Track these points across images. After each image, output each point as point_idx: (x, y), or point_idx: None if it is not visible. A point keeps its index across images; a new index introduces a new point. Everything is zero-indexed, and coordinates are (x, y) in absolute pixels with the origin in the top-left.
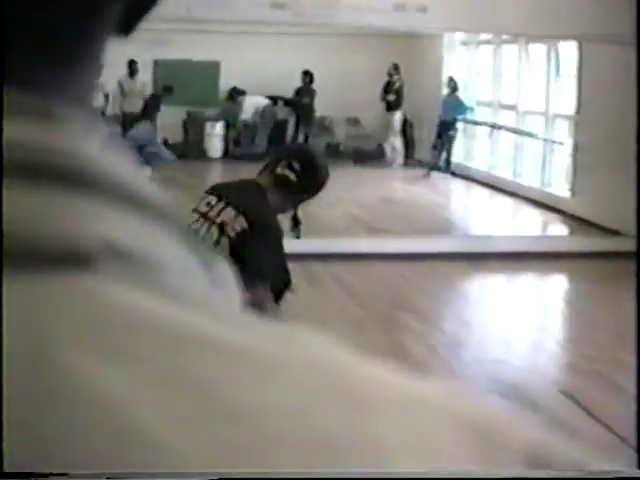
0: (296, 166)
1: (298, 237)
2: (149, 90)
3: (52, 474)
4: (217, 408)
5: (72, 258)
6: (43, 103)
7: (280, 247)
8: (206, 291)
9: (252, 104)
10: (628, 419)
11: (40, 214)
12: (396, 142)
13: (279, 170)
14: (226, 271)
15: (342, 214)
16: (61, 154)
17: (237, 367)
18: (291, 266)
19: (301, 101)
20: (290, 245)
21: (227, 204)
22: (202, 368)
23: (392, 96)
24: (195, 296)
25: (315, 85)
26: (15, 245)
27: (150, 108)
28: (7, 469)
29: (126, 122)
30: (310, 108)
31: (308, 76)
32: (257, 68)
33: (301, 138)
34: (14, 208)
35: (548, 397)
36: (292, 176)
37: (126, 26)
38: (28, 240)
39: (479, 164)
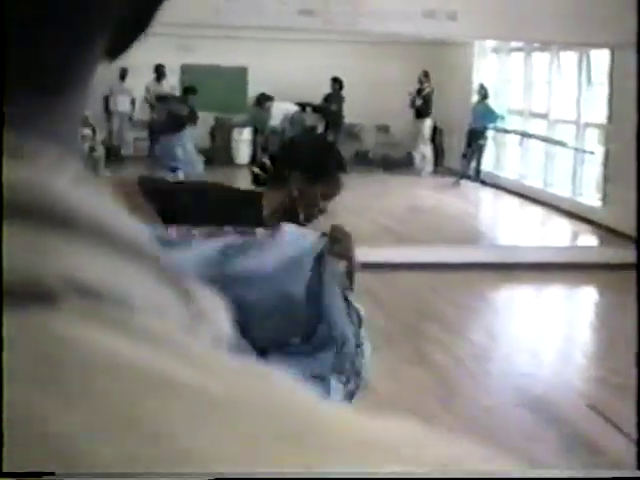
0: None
1: None
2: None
3: (43, 473)
4: (174, 451)
5: (34, 294)
6: (11, 137)
7: None
8: (174, 329)
9: (281, 110)
10: None
11: (4, 250)
12: (425, 150)
13: None
14: (210, 301)
15: (370, 223)
16: (27, 190)
17: (190, 408)
18: None
19: (329, 108)
20: None
21: None
22: (155, 408)
23: (419, 101)
24: (160, 335)
25: (344, 92)
26: None
27: (179, 117)
28: (6, 469)
29: (154, 127)
30: (338, 115)
31: (337, 83)
32: (285, 74)
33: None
34: None
35: (575, 411)
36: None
37: (113, 51)
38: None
39: (509, 173)
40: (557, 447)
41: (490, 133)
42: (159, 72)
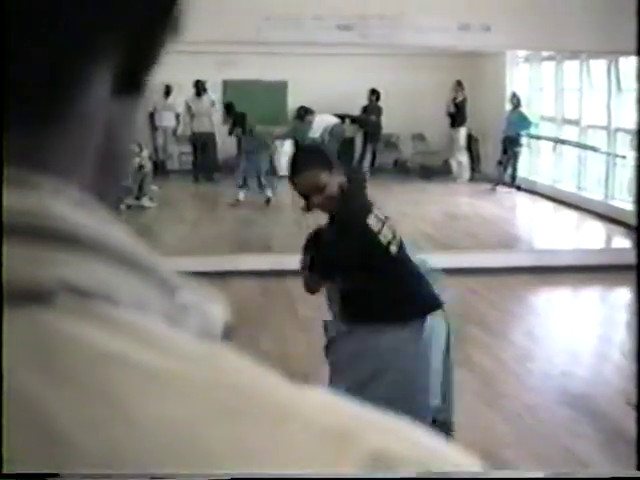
0: None
1: None
2: (219, 109)
3: (46, 475)
4: (124, 417)
5: (33, 295)
6: (16, 169)
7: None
8: (151, 320)
9: (321, 122)
10: None
11: (6, 261)
12: (462, 157)
13: None
14: (201, 296)
15: (410, 230)
16: (30, 214)
17: (153, 386)
18: None
19: (368, 118)
20: None
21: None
22: (127, 389)
23: (453, 109)
24: (135, 325)
25: (381, 103)
26: None
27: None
28: (6, 470)
29: (196, 141)
30: (377, 125)
31: (375, 94)
32: (324, 87)
33: (369, 155)
34: None
35: (614, 407)
36: None
37: (131, 84)
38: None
39: (543, 178)
40: (598, 442)
41: (524, 140)
42: (198, 88)
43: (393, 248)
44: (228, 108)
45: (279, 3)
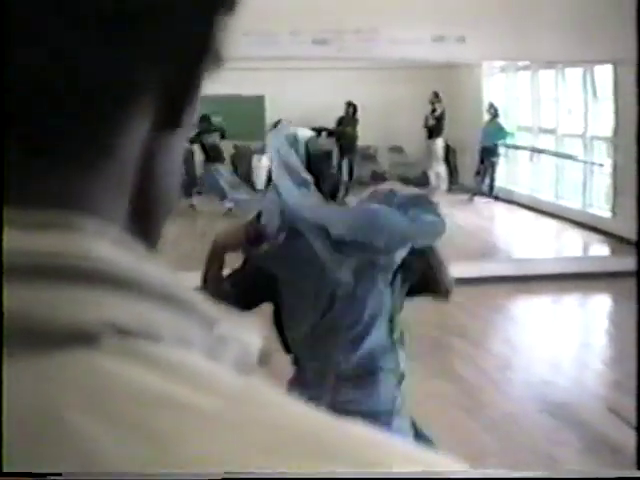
0: None
1: None
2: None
3: (48, 474)
4: (170, 457)
5: (78, 337)
6: (58, 216)
7: None
8: (194, 356)
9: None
10: None
11: (53, 304)
12: (439, 168)
13: None
14: (238, 324)
15: None
16: (73, 257)
17: (198, 425)
18: None
19: (343, 131)
20: None
21: None
22: (173, 429)
23: (432, 121)
24: (179, 363)
25: (359, 116)
26: (29, 328)
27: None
28: (6, 469)
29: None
30: (353, 137)
31: (351, 106)
32: (301, 101)
33: (345, 167)
34: (31, 301)
35: (595, 414)
36: None
37: (171, 121)
38: (42, 323)
39: (521, 188)
40: (579, 449)
41: (502, 150)
42: None
43: None
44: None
45: (256, 19)
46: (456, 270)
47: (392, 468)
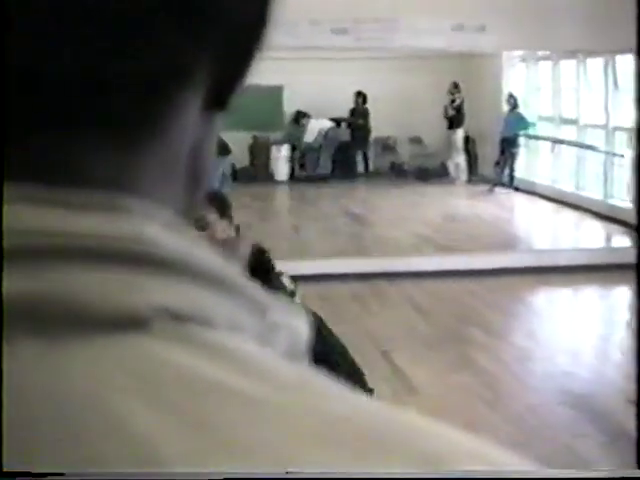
0: None
1: None
2: None
3: (49, 474)
4: (223, 446)
5: (130, 322)
6: (107, 198)
7: None
8: (248, 342)
9: (316, 126)
10: None
11: (103, 287)
12: (459, 159)
13: None
14: (288, 311)
15: (408, 233)
16: (123, 239)
17: (250, 414)
18: (360, 286)
19: (355, 122)
20: (358, 265)
21: None
22: (225, 417)
23: (452, 111)
24: (233, 351)
25: (378, 106)
26: (78, 313)
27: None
28: (6, 469)
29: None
30: (365, 128)
31: (361, 96)
32: (320, 91)
33: (360, 159)
34: (85, 285)
35: (616, 407)
36: None
37: (219, 101)
38: (91, 308)
39: (542, 178)
40: (600, 442)
41: (522, 140)
42: None
43: None
44: None
45: (274, 8)
46: (476, 261)
47: (458, 466)
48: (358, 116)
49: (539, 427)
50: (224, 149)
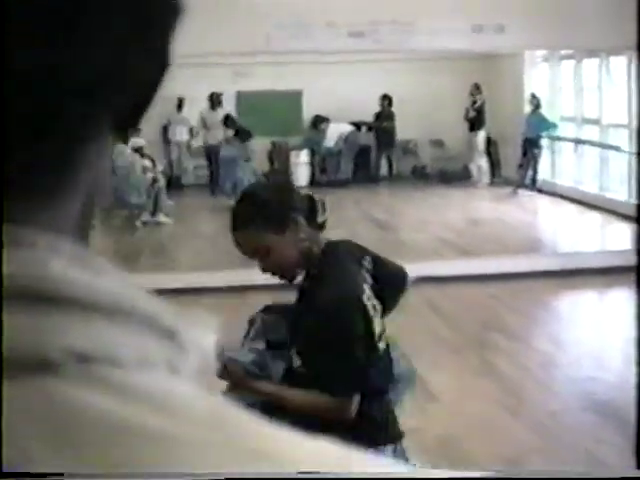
0: None
1: None
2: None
3: (48, 474)
4: None
5: (38, 365)
6: (12, 230)
7: None
8: (154, 378)
9: (336, 131)
10: None
11: (12, 329)
12: (481, 161)
13: None
14: (198, 327)
15: (430, 236)
16: (29, 278)
17: (162, 451)
18: None
19: (381, 125)
20: None
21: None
22: (137, 456)
23: (473, 113)
24: (138, 388)
25: (398, 109)
26: None
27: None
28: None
29: (210, 154)
30: (390, 132)
31: (387, 99)
32: (339, 95)
33: (384, 162)
34: None
35: None
36: None
37: (132, 122)
38: (4, 352)
39: (565, 180)
40: (623, 448)
41: (545, 141)
42: (213, 101)
43: (381, 345)
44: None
45: (289, 11)
46: (499, 265)
47: None
48: (384, 119)
49: (561, 433)
50: (246, 134)
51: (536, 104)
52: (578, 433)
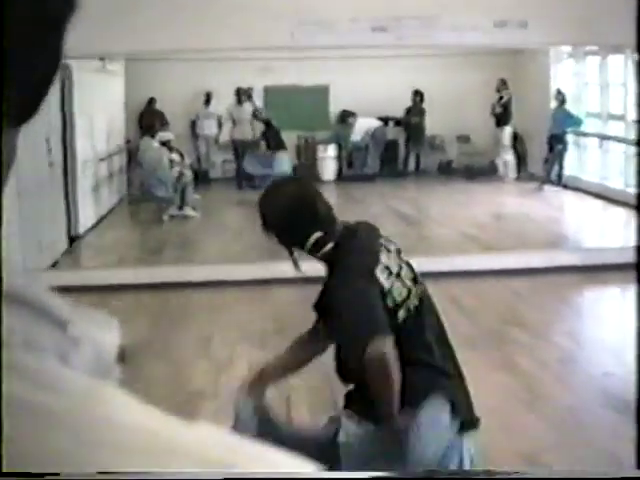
0: None
1: None
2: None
3: (46, 474)
4: (18, 454)
5: None
6: None
7: None
8: (45, 358)
9: (363, 125)
10: None
11: None
12: (507, 157)
13: None
14: (83, 326)
15: (455, 232)
16: None
17: (42, 423)
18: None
19: (410, 121)
20: None
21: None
22: (20, 427)
23: (499, 109)
24: (27, 367)
25: (424, 104)
26: None
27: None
28: (6, 469)
29: (237, 148)
30: (420, 127)
31: (418, 95)
32: (366, 90)
33: (412, 158)
34: None
35: None
36: None
37: (26, 115)
38: None
39: (590, 176)
40: None
41: (570, 137)
42: (239, 95)
43: (401, 314)
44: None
45: (312, 7)
46: (522, 260)
47: (236, 467)
48: (415, 114)
49: (578, 429)
50: (280, 144)
51: (562, 100)
52: (595, 429)
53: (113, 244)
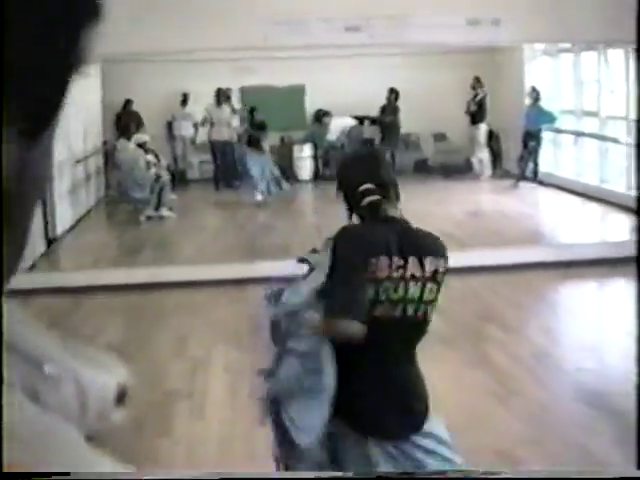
0: None
1: None
2: (241, 116)
3: (54, 474)
4: None
5: None
6: None
7: None
8: (17, 399)
9: (338, 125)
10: None
11: None
12: (483, 155)
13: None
14: (65, 363)
15: (431, 229)
16: None
17: None
18: None
19: (385, 119)
20: None
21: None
22: None
23: (474, 107)
24: None
25: (400, 103)
26: None
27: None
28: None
29: (216, 149)
30: (394, 125)
31: (394, 93)
32: (341, 89)
33: (387, 156)
34: None
35: (633, 404)
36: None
37: (34, 131)
38: None
39: (565, 172)
40: (615, 440)
41: (547, 134)
42: (219, 96)
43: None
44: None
45: (285, 8)
46: (499, 257)
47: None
48: (389, 113)
49: (552, 424)
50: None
51: (536, 97)
52: (569, 425)
53: (90, 246)
